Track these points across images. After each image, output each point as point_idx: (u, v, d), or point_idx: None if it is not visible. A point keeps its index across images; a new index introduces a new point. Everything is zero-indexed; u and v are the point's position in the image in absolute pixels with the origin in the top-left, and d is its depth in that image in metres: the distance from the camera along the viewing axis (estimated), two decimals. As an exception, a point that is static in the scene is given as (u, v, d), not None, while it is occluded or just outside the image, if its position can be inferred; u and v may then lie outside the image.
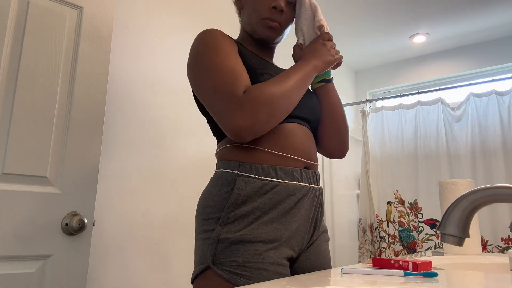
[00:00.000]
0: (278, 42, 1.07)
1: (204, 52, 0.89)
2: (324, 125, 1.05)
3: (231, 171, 0.89)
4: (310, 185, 0.94)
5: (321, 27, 0.99)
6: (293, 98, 0.87)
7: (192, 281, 0.88)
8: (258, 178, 0.87)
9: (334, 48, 1.01)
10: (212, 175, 1.43)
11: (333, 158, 1.11)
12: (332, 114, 1.04)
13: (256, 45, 1.06)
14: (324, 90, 1.05)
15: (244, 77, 0.86)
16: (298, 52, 1.04)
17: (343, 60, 1.04)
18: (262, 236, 0.84)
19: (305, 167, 0.95)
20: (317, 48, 0.98)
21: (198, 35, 0.94)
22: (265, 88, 0.83)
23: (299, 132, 0.95)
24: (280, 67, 1.15)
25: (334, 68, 1.05)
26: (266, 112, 0.81)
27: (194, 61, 0.91)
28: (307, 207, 0.92)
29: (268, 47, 1.08)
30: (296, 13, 1.03)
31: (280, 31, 1.01)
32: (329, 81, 1.06)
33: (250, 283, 0.80)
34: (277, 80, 0.86)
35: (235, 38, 2.29)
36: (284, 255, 0.86)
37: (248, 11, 1.02)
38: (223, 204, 0.86)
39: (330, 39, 1.01)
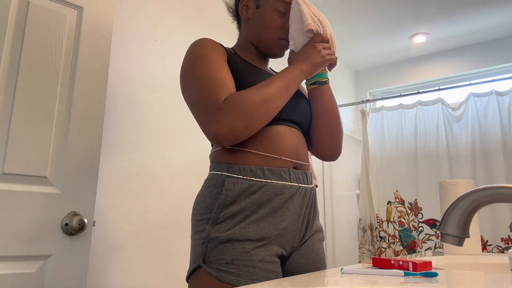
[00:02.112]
0: None
1: (192, 62, 0.93)
2: (316, 128, 1.05)
3: (220, 173, 0.92)
4: (300, 184, 0.95)
5: (310, 31, 0.98)
6: (273, 104, 0.88)
7: (187, 280, 0.91)
8: (246, 179, 0.90)
9: (329, 49, 1.00)
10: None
11: (325, 161, 1.11)
12: (325, 117, 1.04)
13: (252, 52, 1.08)
14: (317, 92, 1.04)
15: (227, 85, 0.89)
16: (291, 57, 1.04)
17: (337, 60, 1.02)
18: (250, 234, 0.86)
19: (294, 167, 0.96)
20: (306, 51, 0.98)
21: (191, 44, 0.98)
22: (244, 95, 0.85)
23: (287, 134, 0.96)
24: (275, 71, 1.16)
25: (329, 68, 1.03)
26: (244, 119, 0.84)
27: (183, 70, 0.95)
28: (297, 206, 0.93)
29: (262, 55, 1.09)
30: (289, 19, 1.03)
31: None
32: (323, 83, 1.04)
33: (239, 280, 0.82)
34: (258, 87, 0.88)
35: (234, 39, 2.31)
36: (273, 252, 0.88)
37: (258, 26, 1.04)
38: (213, 205, 0.89)
39: (323, 40, 0.99)
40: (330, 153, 1.07)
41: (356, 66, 3.83)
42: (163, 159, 1.83)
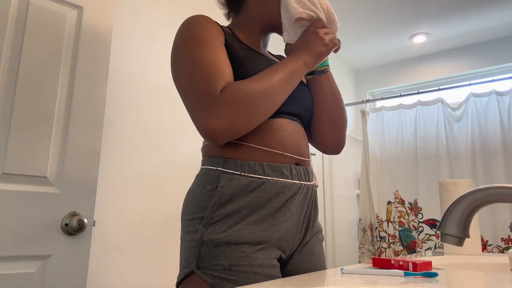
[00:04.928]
0: None
1: (186, 43, 0.83)
2: (318, 120, 0.98)
3: (215, 168, 0.83)
4: (301, 182, 0.88)
5: (300, 20, 0.88)
6: (276, 98, 0.80)
7: (177, 286, 0.82)
8: (244, 175, 0.81)
9: (329, 34, 0.91)
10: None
11: (327, 154, 1.03)
12: (327, 108, 0.96)
13: (255, 32, 0.98)
14: (317, 82, 0.97)
15: (225, 73, 0.80)
16: (289, 47, 0.94)
17: (340, 44, 0.94)
18: (248, 237, 0.78)
19: (296, 164, 0.89)
20: (308, 40, 0.89)
21: (183, 22, 0.87)
22: (244, 87, 0.76)
23: (289, 127, 0.88)
24: (277, 58, 1.07)
25: (335, 51, 0.95)
26: (244, 114, 0.75)
27: (174, 52, 0.84)
28: (298, 206, 0.86)
29: (265, 36, 1.00)
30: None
31: None
32: (322, 72, 0.97)
33: None
34: (259, 78, 0.79)
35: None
36: (273, 255, 0.81)
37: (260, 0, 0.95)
38: (206, 203, 0.81)
39: (323, 26, 0.91)
40: (334, 145, 1.00)
41: (356, 66, 3.83)
42: (163, 159, 1.83)
